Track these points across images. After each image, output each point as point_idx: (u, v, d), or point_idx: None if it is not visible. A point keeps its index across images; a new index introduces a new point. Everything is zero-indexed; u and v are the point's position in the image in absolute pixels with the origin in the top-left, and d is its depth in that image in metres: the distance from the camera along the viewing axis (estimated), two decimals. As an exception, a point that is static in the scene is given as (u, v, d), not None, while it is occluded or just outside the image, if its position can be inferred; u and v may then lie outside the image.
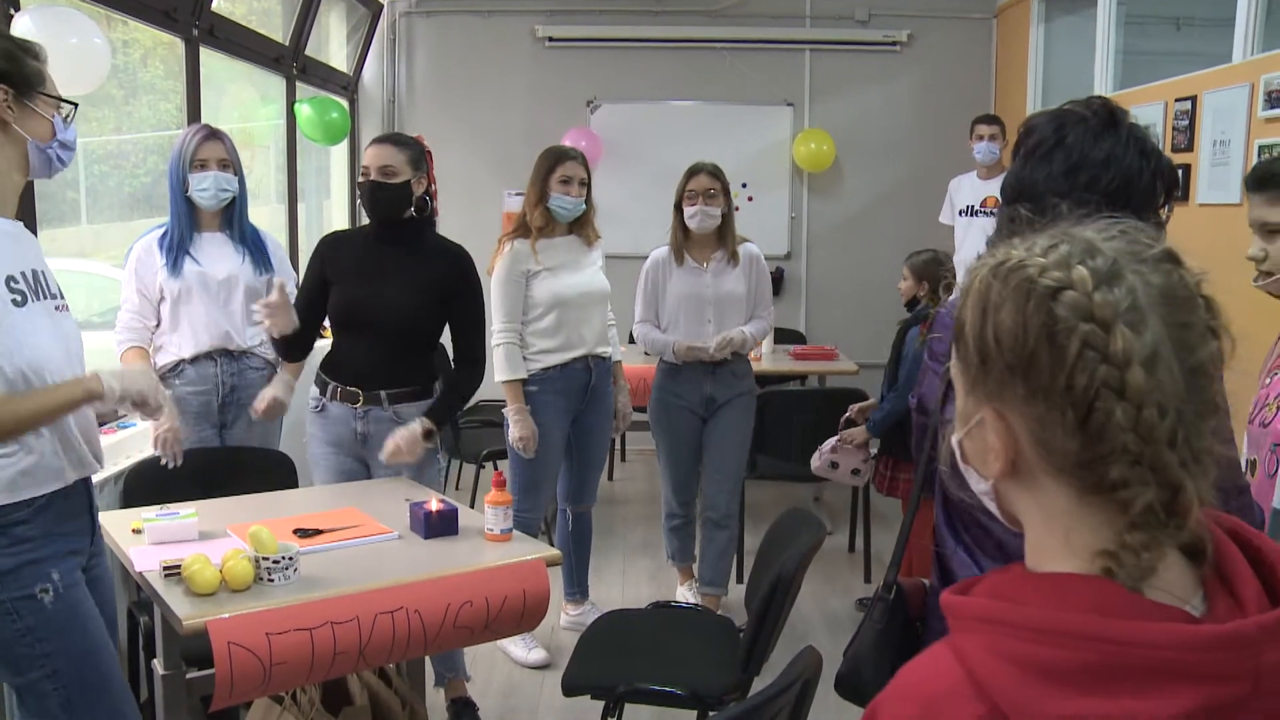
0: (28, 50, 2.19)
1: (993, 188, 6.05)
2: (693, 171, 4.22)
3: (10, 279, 2.12)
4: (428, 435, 3.24)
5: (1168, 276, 0.86)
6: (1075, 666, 0.80)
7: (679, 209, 4.24)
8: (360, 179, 3.29)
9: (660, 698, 2.80)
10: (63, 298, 2.29)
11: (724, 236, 4.26)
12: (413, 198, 3.28)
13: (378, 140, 3.33)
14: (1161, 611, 0.83)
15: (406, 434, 3.20)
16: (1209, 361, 0.86)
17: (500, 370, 3.92)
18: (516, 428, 3.92)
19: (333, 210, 7.14)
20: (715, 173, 4.20)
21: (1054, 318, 0.83)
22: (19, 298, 2.13)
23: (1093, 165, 1.63)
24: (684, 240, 4.26)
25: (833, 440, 4.45)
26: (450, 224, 3.51)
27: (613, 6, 7.06)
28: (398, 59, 7.15)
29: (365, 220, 3.41)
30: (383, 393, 3.31)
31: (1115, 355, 0.82)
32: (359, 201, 3.35)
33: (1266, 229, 1.97)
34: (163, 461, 3.28)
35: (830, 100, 7.22)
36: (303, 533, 2.65)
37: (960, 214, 6.19)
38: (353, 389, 3.31)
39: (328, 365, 3.40)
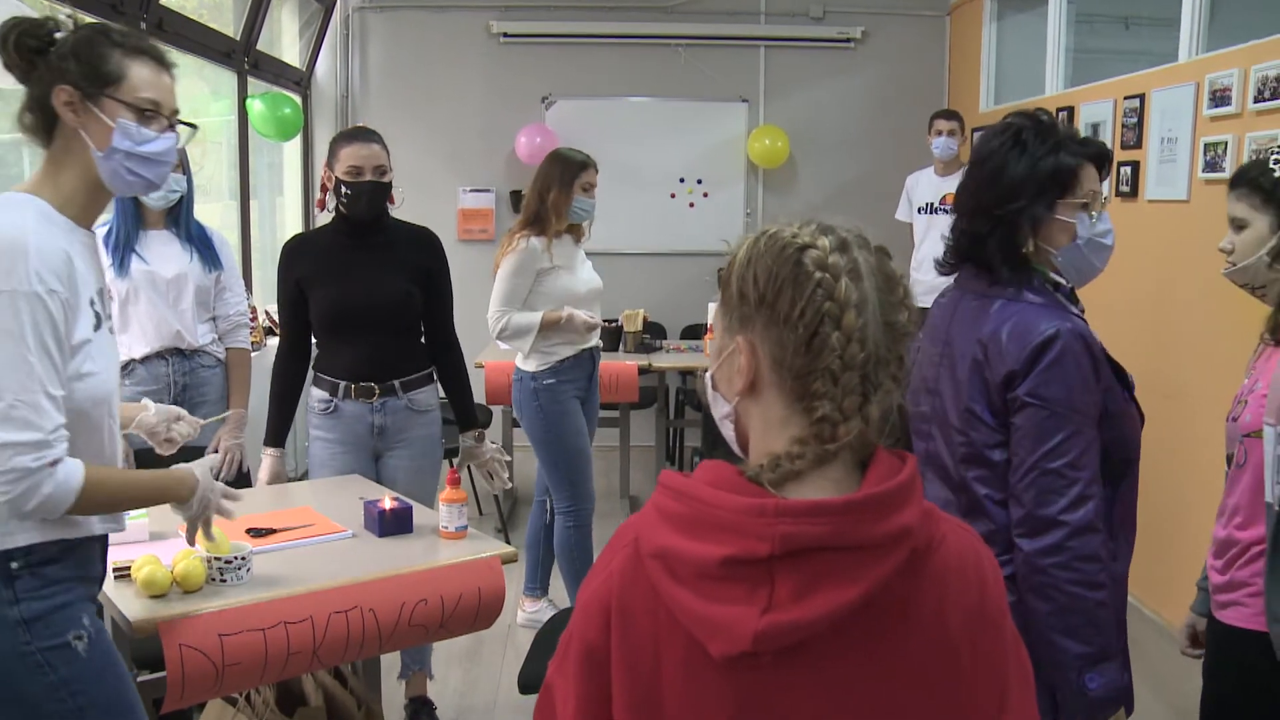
0: (119, 43, 1.92)
1: (951, 184, 6.02)
2: None
3: (92, 299, 1.92)
4: (482, 439, 3.51)
5: (879, 260, 1.16)
6: (677, 515, 1.11)
7: None
8: (347, 179, 3.21)
9: (617, 694, 2.80)
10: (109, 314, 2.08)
11: None
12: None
13: (362, 139, 3.26)
14: (748, 490, 1.10)
15: (490, 457, 3.49)
16: (900, 324, 1.14)
17: (519, 332, 3.96)
18: (580, 316, 3.99)
19: (286, 207, 7.08)
20: None
21: (799, 265, 1.12)
22: (96, 320, 1.92)
23: (979, 171, 2.00)
24: None
25: None
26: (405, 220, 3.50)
27: (567, 2, 7.05)
28: (351, 54, 7.09)
29: (321, 218, 3.39)
30: (396, 382, 3.33)
31: (838, 297, 1.10)
32: (340, 201, 3.24)
33: (1234, 224, 2.20)
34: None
35: (785, 96, 7.25)
36: (256, 532, 2.62)
37: (919, 211, 6.19)
38: (368, 384, 3.31)
39: (326, 367, 3.36)
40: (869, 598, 1.06)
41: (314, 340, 3.41)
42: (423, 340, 3.46)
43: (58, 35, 1.88)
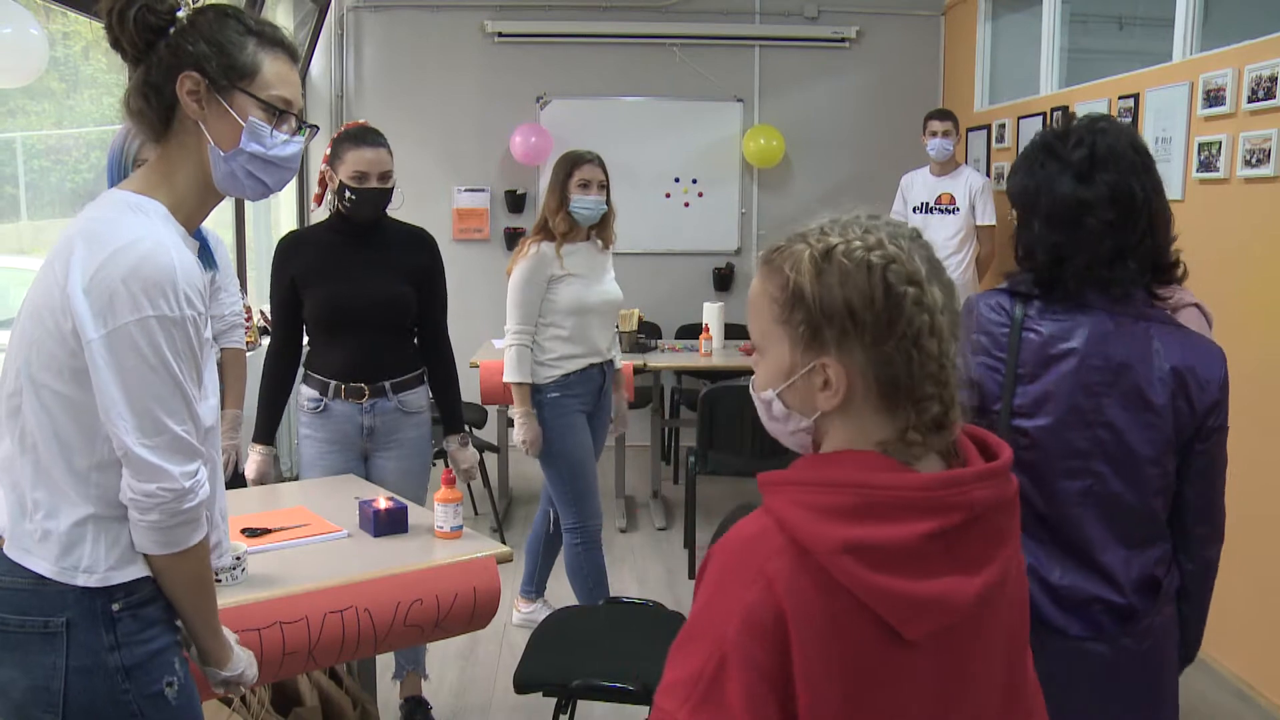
0: (254, 31, 1.75)
1: (946, 185, 5.98)
2: None
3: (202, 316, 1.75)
4: (466, 443, 3.56)
5: (925, 249, 1.18)
6: (845, 506, 1.10)
7: None
8: (352, 184, 3.18)
9: (612, 693, 2.80)
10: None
11: None
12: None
13: (370, 142, 3.22)
14: (904, 468, 1.14)
15: (464, 461, 3.56)
16: (955, 306, 1.18)
17: (510, 372, 3.88)
18: (522, 431, 3.89)
19: (280, 206, 7.07)
20: None
21: (889, 283, 1.13)
22: (209, 336, 1.80)
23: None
24: None
25: None
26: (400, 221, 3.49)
27: (562, 2, 7.05)
28: (346, 54, 7.09)
29: (314, 217, 3.38)
30: (387, 383, 3.32)
31: (929, 305, 1.13)
32: (343, 204, 3.22)
33: None
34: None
35: (779, 96, 7.25)
36: (251, 532, 2.62)
37: (915, 211, 6.11)
38: (358, 385, 3.30)
39: (318, 366, 3.34)
40: (1014, 553, 1.16)
41: (306, 338, 3.39)
42: (415, 341, 3.44)
43: (179, 14, 1.71)
